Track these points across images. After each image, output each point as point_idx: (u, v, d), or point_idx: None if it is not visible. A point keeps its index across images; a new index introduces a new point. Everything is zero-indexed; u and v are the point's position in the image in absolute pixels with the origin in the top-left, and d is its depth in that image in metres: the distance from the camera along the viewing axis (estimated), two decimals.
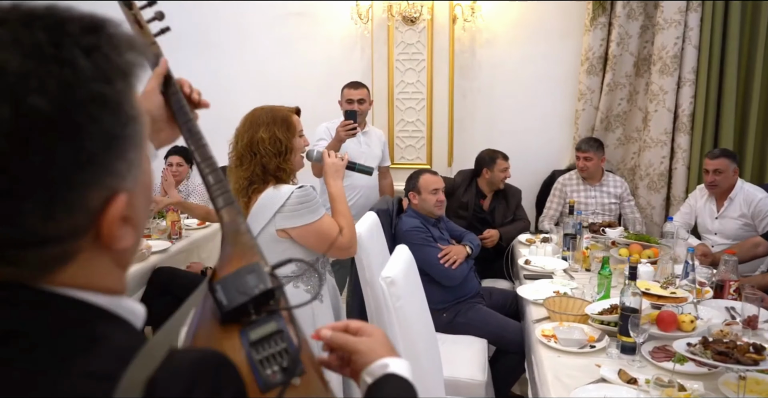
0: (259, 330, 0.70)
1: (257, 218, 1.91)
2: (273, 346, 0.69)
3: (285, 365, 0.67)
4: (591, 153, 3.82)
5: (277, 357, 0.68)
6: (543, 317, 2.40)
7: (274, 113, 1.96)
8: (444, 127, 4.16)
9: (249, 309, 0.71)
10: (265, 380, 0.66)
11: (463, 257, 3.03)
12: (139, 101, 0.57)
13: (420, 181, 3.14)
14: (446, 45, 4.03)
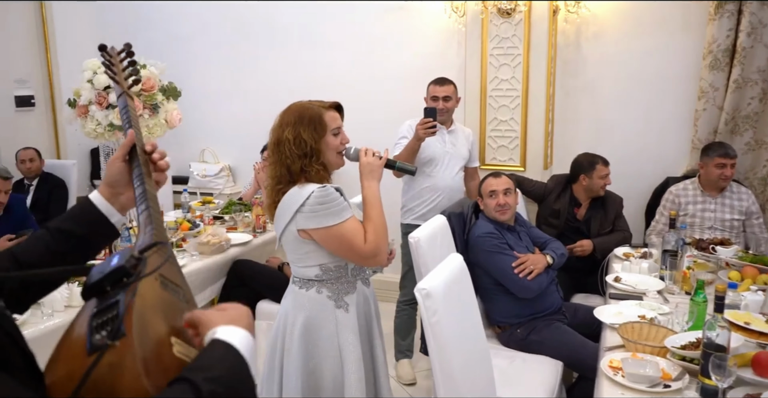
0: (104, 302, 0.77)
1: (281, 217, 1.84)
2: (107, 315, 0.74)
3: (109, 328, 0.72)
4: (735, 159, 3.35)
5: (107, 323, 0.74)
6: (617, 345, 2.10)
7: (302, 112, 1.86)
8: (540, 127, 3.86)
9: (105, 286, 0.78)
10: (93, 343, 0.71)
11: (541, 267, 2.76)
12: None
13: (482, 186, 2.93)
14: (544, 39, 3.73)
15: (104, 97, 2.80)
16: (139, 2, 5.18)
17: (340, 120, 1.93)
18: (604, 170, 3.44)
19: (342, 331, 1.84)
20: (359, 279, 1.94)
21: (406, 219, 3.45)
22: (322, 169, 1.87)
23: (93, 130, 2.85)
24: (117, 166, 1.12)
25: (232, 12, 4.91)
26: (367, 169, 1.91)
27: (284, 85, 4.66)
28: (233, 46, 4.94)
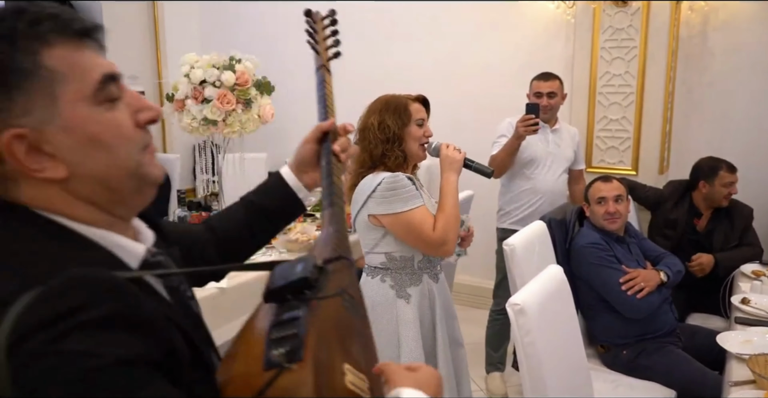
0: (285, 313, 0.72)
1: (356, 203, 1.91)
2: (288, 330, 0.70)
3: (287, 348, 0.68)
4: None
5: (286, 340, 0.70)
6: (746, 379, 1.80)
7: (389, 100, 1.95)
8: (657, 127, 3.50)
9: (286, 294, 0.74)
10: (269, 358, 0.68)
11: (653, 285, 2.47)
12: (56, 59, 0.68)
13: (590, 190, 2.65)
14: (665, 29, 3.37)
15: (200, 91, 2.81)
16: (241, 2, 5.28)
17: (425, 113, 1.98)
18: (728, 177, 3.05)
19: (402, 324, 1.85)
20: (426, 273, 1.95)
21: (503, 223, 3.23)
22: (402, 157, 1.92)
23: (188, 124, 2.87)
24: (308, 147, 1.11)
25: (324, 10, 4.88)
26: (447, 162, 1.94)
27: (375, 82, 4.53)
28: None
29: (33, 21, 0.68)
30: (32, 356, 0.55)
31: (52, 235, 0.68)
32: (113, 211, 0.73)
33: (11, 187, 0.68)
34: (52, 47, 0.68)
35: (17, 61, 0.66)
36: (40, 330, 0.55)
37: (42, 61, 0.67)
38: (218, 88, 2.80)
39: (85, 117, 0.70)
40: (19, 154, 0.66)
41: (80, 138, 0.69)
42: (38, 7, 0.69)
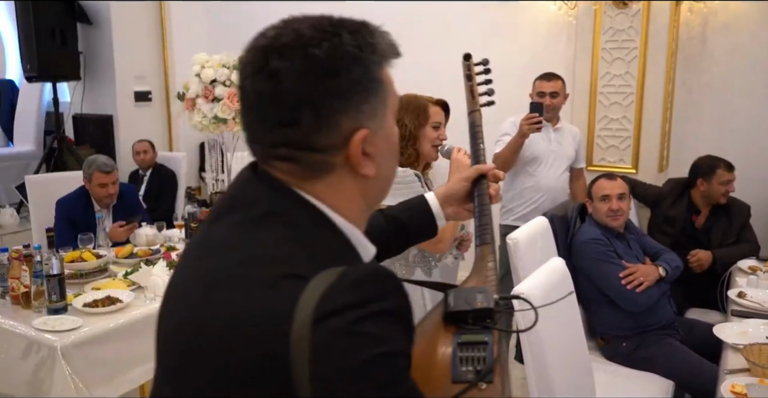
0: (469, 336, 0.82)
1: None
2: (475, 352, 0.80)
3: (479, 369, 0.78)
4: None
5: (474, 360, 0.79)
6: (741, 368, 1.87)
7: (410, 100, 2.03)
8: (656, 127, 3.57)
9: (468, 318, 0.84)
10: (458, 373, 0.78)
11: (652, 280, 2.54)
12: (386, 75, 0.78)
13: (593, 187, 2.71)
14: (665, 31, 3.44)
15: (210, 90, 2.88)
16: (247, 2, 5.35)
17: (442, 116, 2.07)
18: (725, 175, 3.11)
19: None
20: (420, 268, 2.02)
21: (506, 219, 3.31)
22: (415, 155, 2.01)
23: (199, 123, 2.94)
24: (463, 185, 1.18)
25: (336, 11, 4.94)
26: (455, 165, 1.98)
27: None
28: None
29: (387, 41, 0.77)
30: (336, 333, 0.61)
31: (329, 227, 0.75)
32: (368, 212, 0.83)
33: (318, 177, 0.74)
34: (385, 64, 0.78)
35: (374, 72, 0.75)
36: (346, 311, 0.62)
37: (383, 75, 0.77)
38: (228, 87, 2.88)
39: (392, 127, 0.81)
40: (359, 150, 0.74)
41: (390, 146, 0.80)
42: (386, 32, 0.79)
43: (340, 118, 0.72)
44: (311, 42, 0.71)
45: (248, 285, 0.66)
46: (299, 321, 0.62)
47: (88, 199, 3.24)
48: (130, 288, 2.43)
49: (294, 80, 0.70)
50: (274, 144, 0.74)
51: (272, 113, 0.72)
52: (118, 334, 2.18)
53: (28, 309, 2.27)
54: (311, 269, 0.65)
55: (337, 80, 0.71)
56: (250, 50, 0.76)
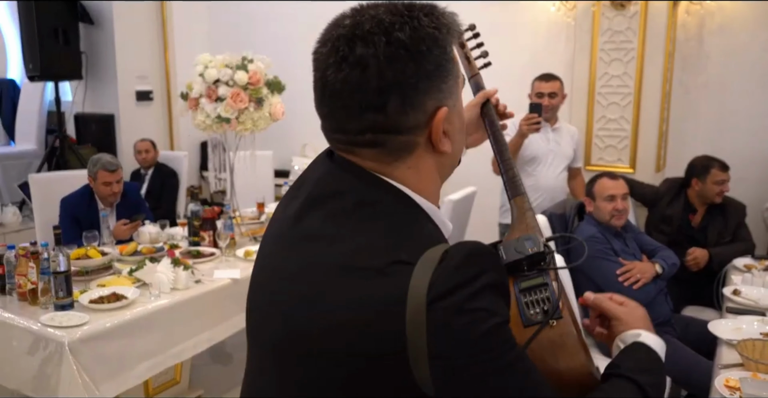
0: (528, 281, 0.88)
1: None
2: (537, 294, 0.86)
3: (546, 309, 0.85)
4: None
5: (539, 302, 0.86)
6: (734, 363, 1.91)
7: None
8: (654, 127, 3.61)
9: (523, 265, 0.89)
10: (528, 317, 0.85)
11: (649, 277, 2.58)
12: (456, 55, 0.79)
13: (595, 186, 2.74)
14: (662, 32, 3.49)
15: (213, 90, 2.91)
16: (247, 1, 5.38)
17: None
18: (719, 175, 3.15)
19: None
20: None
21: (505, 218, 3.35)
22: None
23: (202, 122, 2.97)
24: (474, 111, 1.20)
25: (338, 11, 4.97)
26: None
27: None
28: None
29: (457, 23, 0.79)
30: (450, 312, 0.65)
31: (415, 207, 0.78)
32: (439, 189, 0.85)
33: (403, 157, 0.77)
34: (453, 44, 0.78)
35: (450, 51, 0.77)
36: (456, 291, 0.66)
37: (455, 56, 0.79)
38: (231, 87, 2.91)
39: (461, 106, 0.84)
40: (440, 128, 0.77)
41: (461, 122, 0.83)
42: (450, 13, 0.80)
43: (425, 98, 0.75)
44: (393, 26, 0.72)
45: (360, 274, 0.70)
46: (413, 304, 0.65)
47: (92, 197, 3.28)
48: (135, 285, 2.47)
49: (381, 65, 0.72)
50: (361, 130, 0.75)
51: (359, 100, 0.73)
52: (123, 330, 2.21)
53: (35, 305, 2.30)
54: (412, 254, 0.69)
55: (422, 62, 0.73)
56: (328, 41, 0.76)
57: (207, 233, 3.05)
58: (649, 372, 0.85)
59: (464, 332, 0.65)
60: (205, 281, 2.60)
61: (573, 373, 0.84)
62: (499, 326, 0.68)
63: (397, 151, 0.77)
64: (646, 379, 0.83)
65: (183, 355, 2.47)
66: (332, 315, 0.69)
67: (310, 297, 0.72)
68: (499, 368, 0.67)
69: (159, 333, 2.35)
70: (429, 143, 0.77)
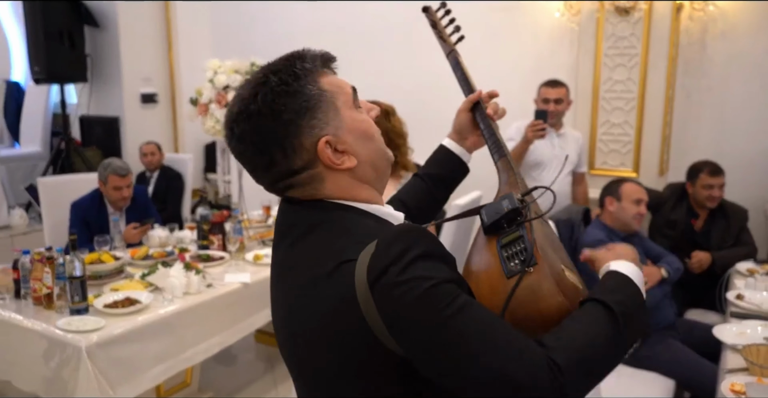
0: (507, 237, 0.97)
1: None
2: (515, 247, 0.94)
3: (522, 258, 0.93)
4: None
5: (518, 254, 0.94)
6: (739, 367, 1.95)
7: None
8: (657, 131, 3.66)
9: (502, 223, 0.99)
10: (509, 269, 0.93)
11: (654, 281, 2.62)
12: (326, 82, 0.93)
13: (623, 187, 2.76)
14: (665, 38, 3.53)
15: (223, 96, 2.95)
16: (249, 3, 5.41)
17: None
18: (707, 179, 3.18)
19: None
20: None
21: None
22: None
23: (212, 127, 3.00)
24: (463, 116, 1.32)
25: (338, 13, 5.01)
26: None
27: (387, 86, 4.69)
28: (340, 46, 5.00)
29: (310, 60, 0.93)
30: (388, 287, 0.79)
31: (355, 212, 0.93)
32: (378, 188, 0.98)
33: (319, 186, 0.92)
34: (322, 75, 0.94)
35: (310, 91, 0.91)
36: (389, 268, 0.79)
37: (322, 86, 0.92)
38: None
39: (354, 118, 0.95)
40: (329, 154, 0.90)
41: (357, 134, 0.94)
42: (309, 51, 0.95)
43: (299, 140, 0.89)
44: (249, 100, 0.90)
45: (319, 282, 0.86)
46: (360, 290, 0.81)
47: (102, 201, 3.31)
48: (148, 290, 2.50)
49: (252, 136, 0.90)
50: (272, 182, 0.94)
51: (256, 163, 0.93)
52: (138, 334, 2.25)
53: (50, 309, 2.33)
54: (357, 251, 0.83)
55: (280, 116, 0.89)
56: (224, 123, 0.96)
57: (216, 237, 3.09)
58: (615, 292, 0.93)
59: (403, 299, 0.78)
60: (216, 285, 2.63)
61: (551, 312, 0.90)
62: (434, 287, 0.79)
63: (311, 182, 0.92)
64: (613, 297, 0.90)
65: (195, 359, 2.50)
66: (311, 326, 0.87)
67: (297, 316, 0.90)
68: (443, 320, 0.78)
69: (172, 337, 2.38)
70: (330, 167, 0.91)
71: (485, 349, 0.78)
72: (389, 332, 0.79)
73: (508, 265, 0.94)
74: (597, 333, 0.87)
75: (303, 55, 0.94)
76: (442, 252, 0.84)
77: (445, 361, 0.79)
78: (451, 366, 0.79)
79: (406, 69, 4.68)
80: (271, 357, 3.67)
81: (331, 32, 5.06)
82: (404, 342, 0.80)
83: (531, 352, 0.79)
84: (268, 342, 3.79)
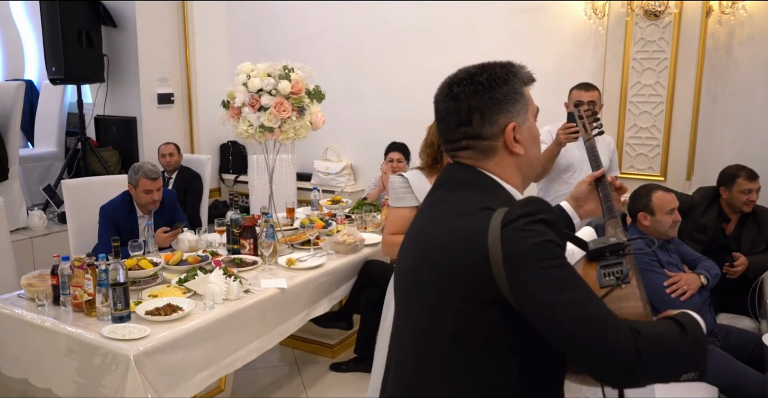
0: (608, 262, 1.15)
1: None
2: (614, 268, 1.14)
3: (617, 275, 1.12)
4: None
5: (615, 272, 1.13)
6: None
7: None
8: (685, 135, 3.65)
9: (605, 252, 1.17)
10: (603, 280, 1.12)
11: (695, 288, 2.61)
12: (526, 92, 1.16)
13: (654, 200, 2.74)
14: (695, 42, 3.52)
15: (257, 99, 2.92)
16: (265, 2, 5.38)
17: None
18: (745, 184, 3.19)
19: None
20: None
21: None
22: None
23: (245, 131, 2.97)
24: (583, 187, 1.55)
25: (354, 13, 4.99)
26: None
27: (403, 88, 4.68)
28: (355, 47, 5.02)
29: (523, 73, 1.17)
30: (516, 230, 0.99)
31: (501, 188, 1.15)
32: (525, 182, 1.20)
33: (487, 157, 1.15)
34: (525, 86, 1.18)
35: (518, 88, 1.15)
36: (522, 218, 1.00)
37: (524, 91, 1.16)
38: (274, 97, 2.91)
39: (533, 124, 1.20)
40: (511, 137, 1.13)
41: (531, 135, 1.18)
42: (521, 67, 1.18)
43: (497, 117, 1.13)
44: (475, 75, 1.14)
45: (463, 215, 1.08)
46: (492, 229, 1.01)
47: (132, 204, 3.28)
48: (186, 296, 2.48)
49: (467, 97, 1.13)
50: (458, 138, 1.16)
51: (455, 119, 1.15)
52: (182, 342, 2.23)
53: (91, 316, 2.31)
54: (497, 205, 1.06)
55: (493, 93, 1.12)
56: (441, 87, 1.19)
57: (247, 241, 3.07)
58: (689, 321, 1.06)
59: (524, 242, 0.98)
60: (254, 291, 2.62)
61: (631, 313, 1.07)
62: (548, 241, 0.99)
63: (484, 152, 1.14)
64: (687, 322, 1.05)
65: (234, 365, 2.49)
66: (443, 239, 1.08)
67: (432, 233, 1.12)
68: (548, 267, 0.97)
69: (213, 344, 2.36)
70: (506, 147, 1.13)
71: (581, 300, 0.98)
72: (503, 264, 0.98)
73: (604, 278, 1.12)
74: (672, 340, 1.02)
75: (517, 67, 1.17)
76: (559, 227, 1.04)
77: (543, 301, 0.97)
78: (547, 307, 0.97)
79: (420, 70, 4.66)
80: (297, 360, 3.66)
81: (345, 34, 5.05)
82: (514, 277, 0.97)
83: (624, 329, 0.97)
84: (292, 345, 3.77)
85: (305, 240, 3.27)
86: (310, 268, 2.94)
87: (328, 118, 5.34)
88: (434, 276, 1.08)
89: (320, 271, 2.96)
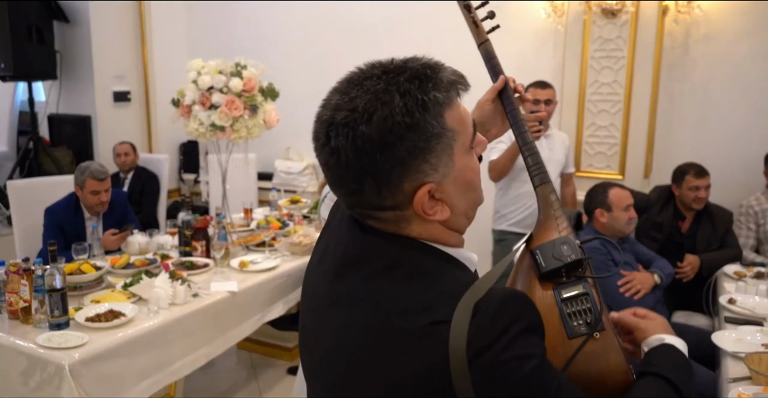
0: (569, 290, 0.91)
1: None
2: (579, 305, 0.89)
3: (589, 321, 0.88)
4: None
5: (582, 313, 0.89)
6: (743, 376, 1.94)
7: None
8: (643, 134, 3.67)
9: (561, 273, 0.93)
10: (572, 329, 0.88)
11: (648, 287, 2.62)
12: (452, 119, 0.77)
13: (610, 196, 2.75)
14: (652, 40, 3.54)
15: (207, 97, 2.84)
16: (228, 2, 5.28)
17: None
18: (693, 181, 3.22)
19: None
20: None
21: (500, 225, 3.36)
22: None
23: (195, 130, 2.89)
24: (488, 107, 1.20)
25: (318, 12, 4.92)
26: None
27: None
28: (319, 45, 4.95)
29: (445, 88, 0.77)
30: (490, 366, 0.71)
31: (439, 257, 0.82)
32: (463, 233, 0.89)
33: (404, 225, 0.81)
34: (452, 108, 0.78)
35: (434, 127, 0.76)
36: (493, 345, 0.71)
37: (447, 124, 0.77)
38: (225, 94, 2.84)
39: (465, 166, 0.82)
40: (424, 204, 0.78)
41: (461, 184, 0.82)
42: (444, 72, 0.78)
43: (400, 182, 0.77)
44: (363, 117, 0.74)
45: (401, 336, 0.74)
46: (455, 363, 0.70)
47: (78, 206, 3.17)
48: (131, 301, 2.39)
49: (349, 158, 0.75)
50: (350, 206, 0.83)
51: (341, 182, 0.79)
52: (123, 349, 2.14)
53: (28, 324, 2.21)
54: (449, 311, 0.73)
55: (391, 152, 0.74)
56: (317, 122, 0.81)
57: (199, 243, 2.99)
58: (680, 371, 0.90)
59: (505, 380, 0.71)
60: (203, 294, 2.54)
61: (617, 386, 0.89)
62: (536, 367, 0.73)
63: (395, 222, 0.81)
64: (679, 377, 0.88)
65: (182, 371, 2.41)
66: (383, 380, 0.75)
67: (360, 364, 0.78)
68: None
69: (158, 351, 2.28)
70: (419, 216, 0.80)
71: None
72: None
73: (571, 324, 0.89)
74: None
75: (438, 78, 0.77)
76: (540, 322, 0.77)
77: None
78: None
79: None
80: (254, 364, 3.58)
81: (309, 32, 4.97)
82: None
83: None
84: (249, 349, 3.70)
85: (260, 242, 3.20)
86: (263, 271, 2.87)
87: (291, 117, 5.28)
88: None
89: (275, 273, 2.89)
